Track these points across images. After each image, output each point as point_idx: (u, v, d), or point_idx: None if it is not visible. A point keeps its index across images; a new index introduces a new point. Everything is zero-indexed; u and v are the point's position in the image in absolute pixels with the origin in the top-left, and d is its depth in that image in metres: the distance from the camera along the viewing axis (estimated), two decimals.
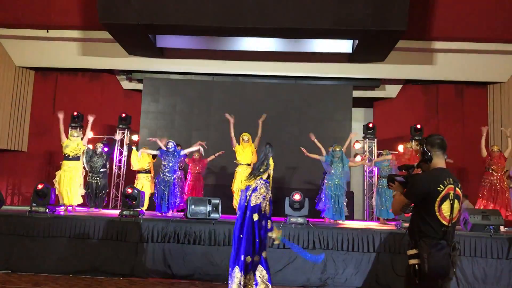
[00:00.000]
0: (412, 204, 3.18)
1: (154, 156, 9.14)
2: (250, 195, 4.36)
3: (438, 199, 3.00)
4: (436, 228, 3.01)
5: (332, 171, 8.20)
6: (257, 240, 4.30)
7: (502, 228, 7.39)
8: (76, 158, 8.33)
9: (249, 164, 8.28)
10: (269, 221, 4.34)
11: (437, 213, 3.00)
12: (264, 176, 4.48)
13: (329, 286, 6.59)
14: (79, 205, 8.62)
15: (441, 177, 3.06)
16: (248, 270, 4.37)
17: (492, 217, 6.94)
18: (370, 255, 6.69)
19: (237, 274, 4.37)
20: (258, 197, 4.33)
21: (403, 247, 6.65)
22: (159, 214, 8.25)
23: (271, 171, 4.54)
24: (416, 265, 3.00)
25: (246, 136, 8.45)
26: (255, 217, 4.28)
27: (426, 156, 3.15)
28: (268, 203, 4.35)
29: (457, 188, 3.05)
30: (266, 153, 4.54)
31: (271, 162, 4.56)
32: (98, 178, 9.18)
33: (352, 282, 6.61)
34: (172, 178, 8.43)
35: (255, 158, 8.24)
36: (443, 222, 3.01)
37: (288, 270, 6.67)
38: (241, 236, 4.34)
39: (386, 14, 8.76)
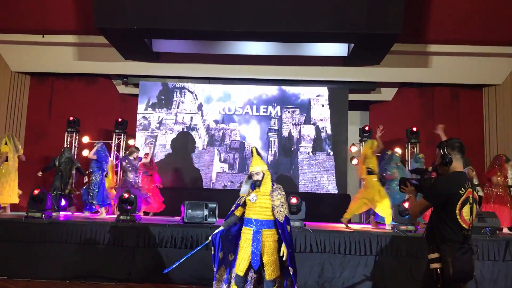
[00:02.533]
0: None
1: None
2: None
3: (460, 202, 3.00)
4: (457, 231, 3.02)
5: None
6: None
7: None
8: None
9: None
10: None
11: (458, 217, 3.01)
12: None
13: None
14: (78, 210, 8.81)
15: (461, 180, 3.08)
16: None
17: (488, 219, 6.96)
18: (367, 258, 6.70)
19: None
20: None
21: (400, 251, 6.67)
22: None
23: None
24: (438, 269, 2.98)
25: None
26: None
27: (447, 158, 3.15)
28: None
29: (474, 192, 3.08)
30: None
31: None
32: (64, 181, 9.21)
33: (349, 285, 6.62)
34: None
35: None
36: (464, 225, 3.02)
37: None
38: None
39: (381, 18, 8.78)
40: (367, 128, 10.79)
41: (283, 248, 4.40)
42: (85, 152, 9.74)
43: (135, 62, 10.94)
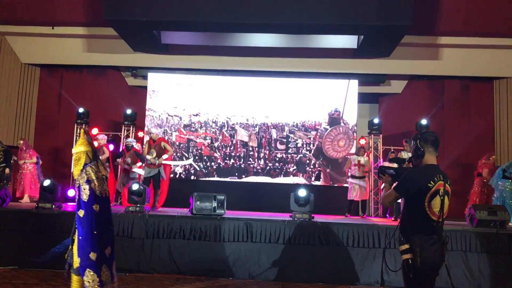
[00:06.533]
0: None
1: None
2: None
3: (428, 195, 3.06)
4: (425, 223, 3.08)
5: None
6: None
7: None
8: None
9: None
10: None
11: (426, 209, 3.06)
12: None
13: (334, 281, 6.60)
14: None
15: (432, 173, 3.11)
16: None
17: (498, 212, 6.92)
18: (375, 251, 6.69)
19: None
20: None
21: None
22: None
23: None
24: (410, 260, 3.06)
25: None
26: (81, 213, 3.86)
27: (419, 151, 3.18)
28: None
29: (446, 185, 3.12)
30: None
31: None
32: None
33: (357, 277, 6.62)
34: None
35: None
36: (432, 217, 3.07)
37: (293, 266, 6.70)
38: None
39: (392, 9, 8.72)
40: (376, 120, 10.76)
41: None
42: None
43: (144, 54, 10.96)
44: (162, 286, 6.02)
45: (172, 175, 10.78)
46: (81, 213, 3.85)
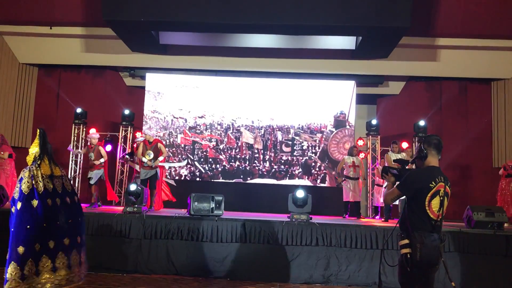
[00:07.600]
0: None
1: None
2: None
3: (429, 195, 3.21)
4: (425, 221, 3.23)
5: None
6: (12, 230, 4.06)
7: None
8: None
9: None
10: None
11: (426, 208, 3.22)
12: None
13: (332, 282, 6.60)
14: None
15: (433, 174, 3.27)
16: None
17: (496, 214, 6.92)
18: (373, 252, 6.68)
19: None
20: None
21: None
22: None
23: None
24: (408, 254, 3.21)
25: None
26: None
27: (422, 153, 3.35)
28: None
29: (447, 186, 3.28)
30: None
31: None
32: None
33: (355, 278, 6.62)
34: None
35: None
36: (432, 216, 3.23)
37: (291, 267, 6.69)
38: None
39: (390, 11, 8.73)
40: (374, 121, 10.78)
41: None
42: None
43: (142, 54, 10.94)
44: (159, 287, 6.01)
45: (177, 177, 10.80)
46: (13, 209, 4.17)
